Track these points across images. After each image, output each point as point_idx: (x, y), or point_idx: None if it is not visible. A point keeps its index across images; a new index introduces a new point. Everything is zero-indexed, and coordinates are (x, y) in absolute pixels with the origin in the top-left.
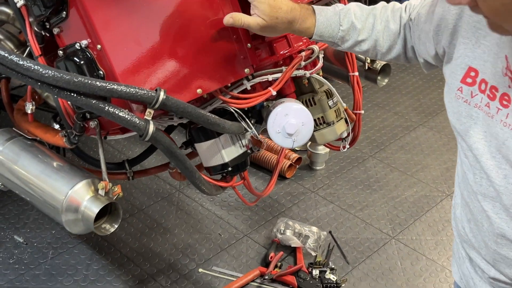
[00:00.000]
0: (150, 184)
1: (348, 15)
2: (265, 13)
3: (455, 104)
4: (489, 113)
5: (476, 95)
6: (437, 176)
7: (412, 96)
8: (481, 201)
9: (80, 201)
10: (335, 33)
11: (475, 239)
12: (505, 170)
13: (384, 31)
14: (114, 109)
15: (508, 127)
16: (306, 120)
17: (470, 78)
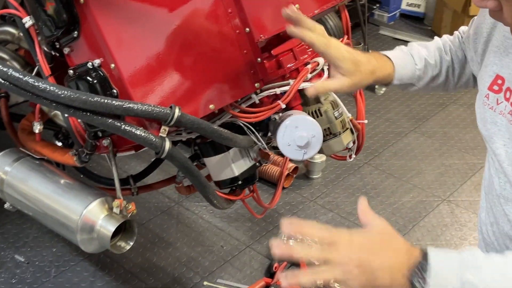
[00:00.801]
0: (149, 198)
1: (419, 53)
2: (349, 70)
3: (482, 111)
4: (511, 120)
5: (501, 102)
6: (432, 181)
7: (401, 102)
8: (503, 204)
9: (95, 220)
10: (412, 73)
11: (497, 242)
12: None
13: (453, 60)
14: (131, 127)
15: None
16: (316, 132)
17: (497, 85)
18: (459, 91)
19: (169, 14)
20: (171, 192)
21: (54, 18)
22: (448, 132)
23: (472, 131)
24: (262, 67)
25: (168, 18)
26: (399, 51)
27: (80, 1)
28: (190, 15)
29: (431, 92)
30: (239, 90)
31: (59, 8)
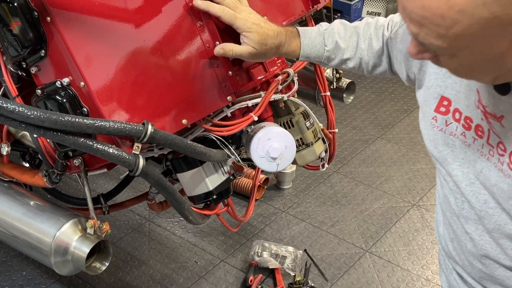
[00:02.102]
0: (119, 217)
1: (332, 35)
2: (255, 41)
3: (431, 133)
4: (465, 141)
5: (451, 123)
6: (401, 187)
7: (367, 110)
8: (464, 223)
9: (69, 242)
10: (320, 53)
11: (458, 257)
12: (484, 195)
13: (368, 49)
14: (103, 146)
15: (484, 156)
16: (289, 143)
17: (443, 107)
18: None
19: (137, 29)
20: (141, 209)
21: (20, 38)
22: (414, 138)
23: None
24: (233, 80)
25: (136, 34)
26: (315, 29)
27: (47, 20)
28: (159, 30)
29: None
30: (212, 104)
31: (25, 27)
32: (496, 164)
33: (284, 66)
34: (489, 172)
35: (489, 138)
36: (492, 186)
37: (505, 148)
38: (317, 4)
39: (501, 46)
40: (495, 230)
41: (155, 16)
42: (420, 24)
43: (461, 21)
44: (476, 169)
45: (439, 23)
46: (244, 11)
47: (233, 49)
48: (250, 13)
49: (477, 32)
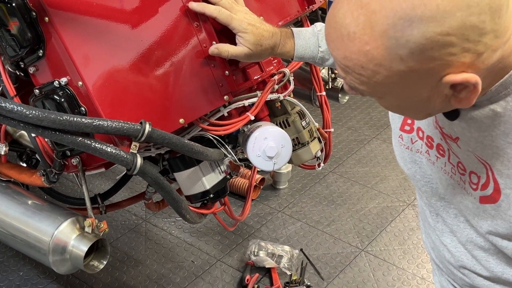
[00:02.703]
0: (116, 217)
1: None
2: (250, 42)
3: (399, 150)
4: (429, 159)
5: (416, 141)
6: (396, 187)
7: (362, 110)
8: (440, 236)
9: (67, 240)
10: (314, 54)
11: (442, 264)
12: (454, 210)
13: None
14: (101, 145)
15: (448, 174)
16: (285, 142)
17: (407, 125)
18: None
19: (135, 29)
20: (138, 210)
21: (18, 38)
22: None
23: None
24: (230, 80)
25: (134, 34)
26: (310, 30)
27: (45, 20)
28: (156, 30)
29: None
30: (209, 103)
31: (23, 27)
32: (459, 182)
33: (280, 66)
34: (454, 189)
35: (449, 157)
36: (458, 202)
37: (464, 168)
38: (313, 4)
39: (424, 93)
40: (468, 243)
41: (152, 17)
42: (345, 71)
43: (380, 72)
44: (443, 185)
45: (360, 72)
46: (240, 11)
47: (228, 50)
48: (246, 14)
49: (397, 82)
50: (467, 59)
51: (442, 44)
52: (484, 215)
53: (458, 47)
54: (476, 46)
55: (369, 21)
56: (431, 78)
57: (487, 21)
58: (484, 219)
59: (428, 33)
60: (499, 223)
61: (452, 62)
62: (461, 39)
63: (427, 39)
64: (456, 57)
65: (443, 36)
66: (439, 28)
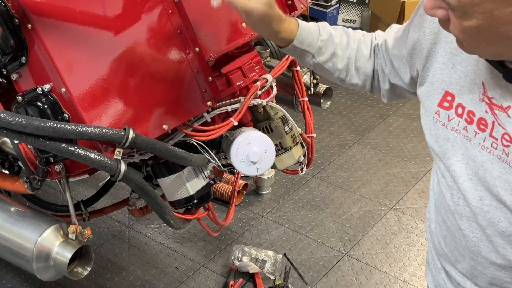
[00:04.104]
0: (99, 223)
1: (327, 28)
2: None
3: (433, 127)
4: (467, 136)
5: (453, 118)
6: (377, 191)
7: (344, 115)
8: (458, 220)
9: (51, 247)
10: (314, 41)
11: (451, 253)
12: (480, 191)
13: (357, 51)
14: (85, 151)
15: (486, 150)
16: (268, 147)
17: (447, 102)
18: (398, 103)
19: (118, 36)
20: (121, 216)
21: (1, 45)
22: (390, 143)
23: (412, 141)
24: (213, 86)
25: (117, 41)
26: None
27: (28, 27)
28: (139, 37)
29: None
30: (192, 109)
31: (6, 34)
32: (500, 156)
33: (262, 72)
34: (492, 165)
35: (492, 131)
36: (494, 179)
37: (510, 139)
38: (294, 11)
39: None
40: (489, 227)
41: (135, 24)
42: None
43: None
44: (476, 163)
45: None
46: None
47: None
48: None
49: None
50: None
51: None
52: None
53: None
54: None
55: None
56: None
57: None
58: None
59: None
60: None
61: None
62: None
63: None
64: None
65: None
66: None
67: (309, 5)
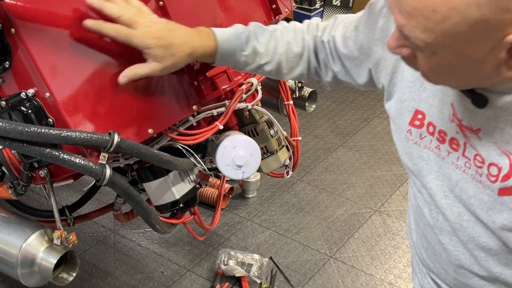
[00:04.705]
0: (83, 229)
1: (250, 39)
2: (158, 56)
3: (406, 145)
4: (439, 155)
5: (425, 136)
6: (363, 194)
7: (328, 119)
8: (438, 234)
9: (36, 253)
10: (237, 58)
11: (433, 265)
12: (458, 207)
13: (287, 53)
14: (69, 156)
15: (460, 169)
16: (254, 151)
17: (418, 120)
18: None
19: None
20: (106, 221)
21: None
22: (375, 145)
23: None
24: (198, 90)
25: (101, 45)
26: (232, 32)
27: (11, 31)
28: None
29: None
30: (177, 113)
31: None
32: (474, 176)
33: (247, 75)
34: (466, 184)
35: (464, 151)
36: (469, 198)
37: (483, 160)
38: (279, 15)
39: (482, 51)
40: (469, 242)
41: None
42: (409, 15)
43: (451, 17)
44: (452, 181)
45: (429, 16)
46: (142, 25)
47: (137, 72)
48: (150, 26)
49: (463, 32)
50: None
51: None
52: (501, 208)
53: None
54: None
55: None
56: (497, 33)
57: None
58: (500, 213)
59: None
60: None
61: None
62: None
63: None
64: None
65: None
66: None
67: (293, 8)
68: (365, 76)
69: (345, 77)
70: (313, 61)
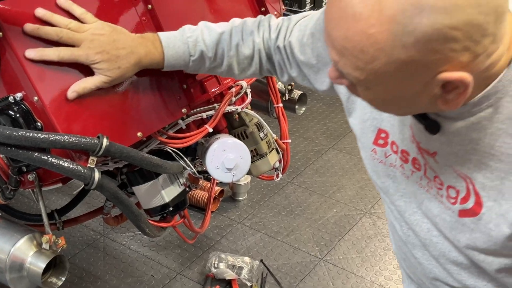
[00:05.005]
0: (73, 232)
1: (198, 44)
2: (105, 69)
3: (372, 164)
4: (404, 173)
5: (390, 155)
6: (353, 196)
7: (318, 121)
8: (411, 249)
9: (24, 257)
10: (186, 63)
11: (413, 275)
12: (427, 224)
13: (237, 55)
14: (58, 160)
15: (424, 188)
16: (244, 154)
17: (381, 139)
18: None
19: None
20: (95, 225)
21: None
22: None
23: None
24: (188, 93)
25: None
26: (179, 37)
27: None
28: None
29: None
30: (167, 116)
31: None
32: (436, 196)
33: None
34: (430, 203)
35: (426, 172)
36: (434, 216)
37: (442, 182)
38: None
39: (415, 88)
40: (440, 257)
41: None
42: (340, 53)
43: (379, 58)
44: (418, 199)
45: (358, 56)
46: (85, 40)
47: (86, 86)
48: (92, 40)
49: (393, 71)
50: (465, 58)
51: (447, 37)
52: (462, 228)
53: (461, 44)
54: (476, 46)
55: (379, 3)
56: (427, 72)
57: (491, 23)
58: (463, 233)
59: (436, 24)
60: (478, 237)
61: (452, 59)
62: (465, 36)
63: (435, 29)
64: (456, 54)
65: (450, 30)
66: (448, 21)
67: (283, 11)
68: (325, 84)
69: (303, 82)
70: (265, 62)
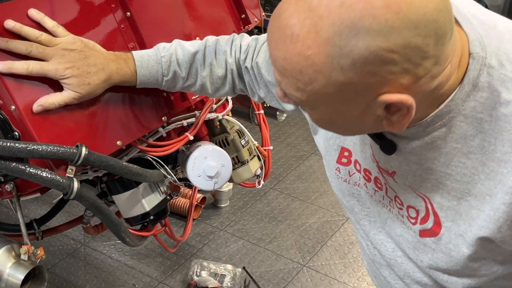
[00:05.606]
0: (53, 242)
1: (172, 63)
2: (74, 85)
3: (337, 182)
4: (368, 192)
5: (354, 173)
6: (335, 201)
7: (300, 127)
8: (378, 268)
9: (2, 269)
10: (159, 82)
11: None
12: (392, 243)
13: (211, 75)
14: (36, 170)
15: (386, 207)
16: (225, 161)
17: (345, 158)
18: None
19: None
20: (76, 234)
21: None
22: None
23: None
24: (168, 101)
25: None
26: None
27: None
28: None
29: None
30: (147, 125)
31: None
32: (397, 216)
33: None
34: (393, 223)
35: (387, 191)
36: (398, 236)
37: (402, 202)
38: (248, 24)
39: (357, 109)
40: (406, 277)
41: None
42: (282, 74)
43: (318, 80)
44: (381, 219)
45: (297, 77)
46: (55, 55)
47: (53, 102)
48: (63, 55)
49: (333, 93)
50: (405, 80)
51: (384, 60)
52: (424, 248)
53: (399, 66)
54: (417, 68)
55: (315, 25)
56: (367, 94)
57: (431, 45)
58: (425, 253)
59: (372, 46)
60: (439, 257)
61: (391, 81)
62: (404, 58)
63: (371, 52)
64: (395, 76)
65: (386, 52)
66: (384, 43)
67: (263, 18)
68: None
69: (271, 102)
70: (238, 82)
